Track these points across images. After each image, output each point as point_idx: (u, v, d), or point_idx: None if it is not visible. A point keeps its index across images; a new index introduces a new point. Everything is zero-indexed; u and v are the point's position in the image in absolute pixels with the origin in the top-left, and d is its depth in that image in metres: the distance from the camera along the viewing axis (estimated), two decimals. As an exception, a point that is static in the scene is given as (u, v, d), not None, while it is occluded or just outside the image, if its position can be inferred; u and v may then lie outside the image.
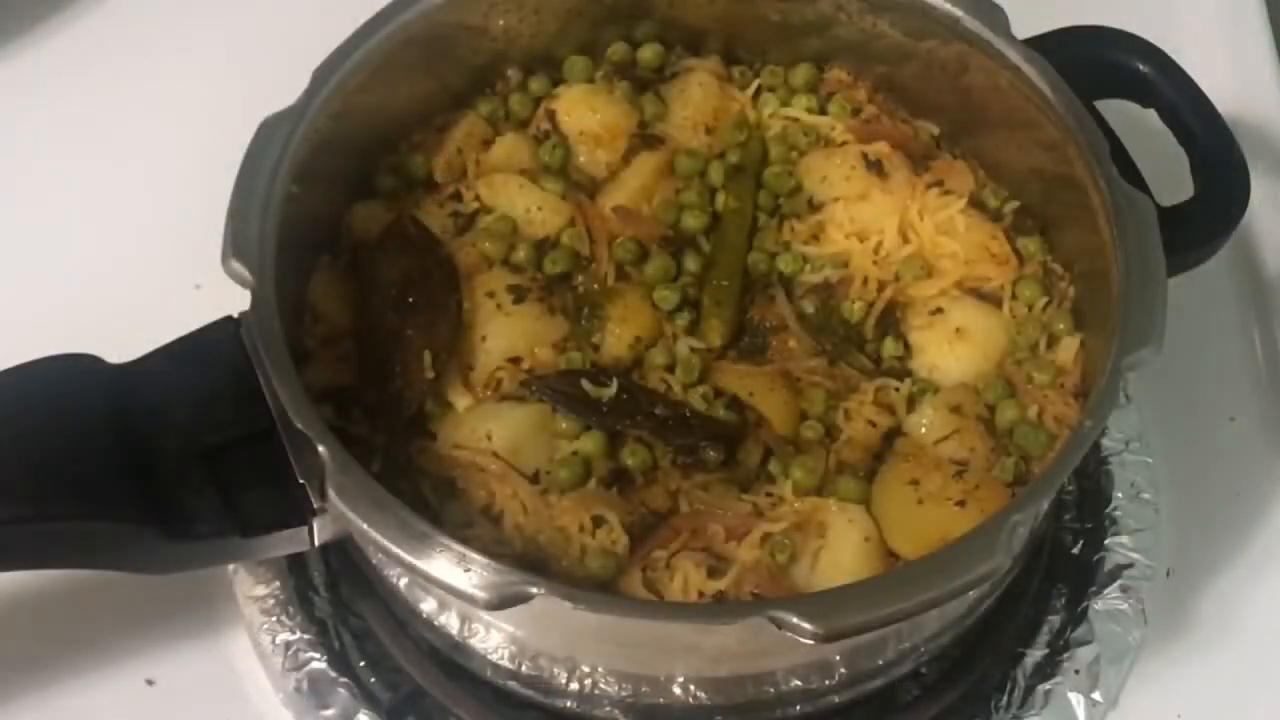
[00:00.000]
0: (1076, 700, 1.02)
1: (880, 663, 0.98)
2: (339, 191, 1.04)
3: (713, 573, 0.91)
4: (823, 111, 1.12)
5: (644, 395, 0.98)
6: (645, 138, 1.10)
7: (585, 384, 0.96)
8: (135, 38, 1.41)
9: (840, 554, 0.92)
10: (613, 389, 0.96)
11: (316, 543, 0.89)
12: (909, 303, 1.03)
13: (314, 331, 1.00)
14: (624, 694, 0.96)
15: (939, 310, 1.02)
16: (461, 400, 0.98)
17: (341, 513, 0.82)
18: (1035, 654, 1.05)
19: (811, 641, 0.78)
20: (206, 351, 0.90)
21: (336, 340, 1.00)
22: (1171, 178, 1.02)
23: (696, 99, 1.11)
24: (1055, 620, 1.07)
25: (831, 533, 0.93)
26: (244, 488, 0.86)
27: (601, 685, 0.95)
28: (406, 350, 0.97)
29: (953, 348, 1.01)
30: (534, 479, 0.95)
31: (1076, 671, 1.03)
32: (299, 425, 0.84)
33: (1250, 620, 1.10)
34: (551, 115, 1.10)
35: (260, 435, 0.87)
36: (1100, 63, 1.04)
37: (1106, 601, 1.05)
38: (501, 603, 0.79)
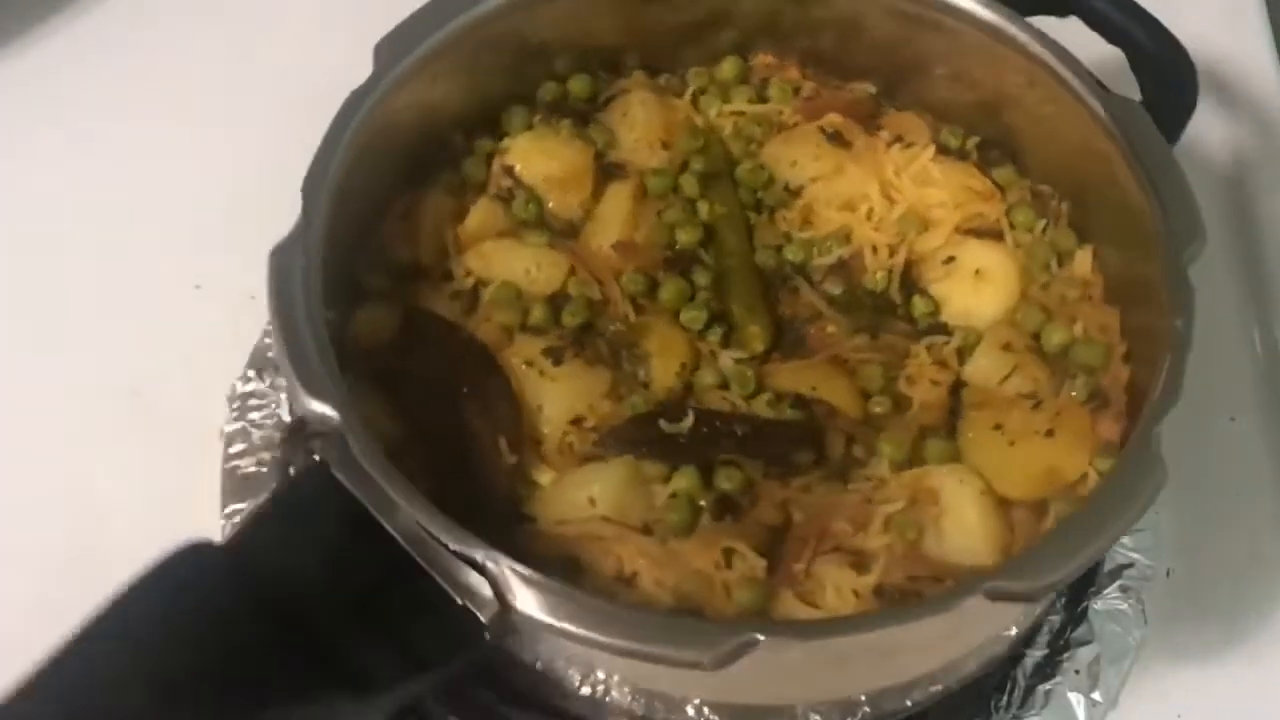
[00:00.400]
0: (1076, 700, 1.03)
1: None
2: (340, 303, 1.00)
3: (857, 568, 0.91)
4: (763, 99, 1.12)
5: (718, 419, 0.97)
6: (606, 168, 1.08)
7: (662, 424, 0.95)
8: (135, 38, 1.37)
9: (962, 515, 0.93)
10: (689, 421, 0.95)
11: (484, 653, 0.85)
12: (920, 259, 1.05)
13: (373, 454, 0.95)
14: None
15: (951, 259, 1.04)
16: (544, 476, 0.95)
17: (532, 620, 0.79)
18: (1035, 654, 1.06)
19: (1029, 602, 0.79)
20: (307, 504, 0.84)
21: (396, 456, 0.95)
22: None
23: (641, 118, 1.10)
24: (1055, 620, 1.07)
25: (945, 496, 0.94)
26: (404, 626, 0.82)
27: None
28: (478, 443, 0.94)
29: (977, 290, 1.03)
30: (646, 532, 0.93)
31: (1076, 671, 1.04)
32: (455, 548, 0.80)
33: (1250, 620, 1.12)
34: (509, 170, 1.07)
35: (396, 570, 0.82)
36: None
37: (1106, 601, 1.06)
38: (727, 659, 0.77)
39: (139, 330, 1.02)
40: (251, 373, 1.12)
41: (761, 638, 0.77)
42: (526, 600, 0.79)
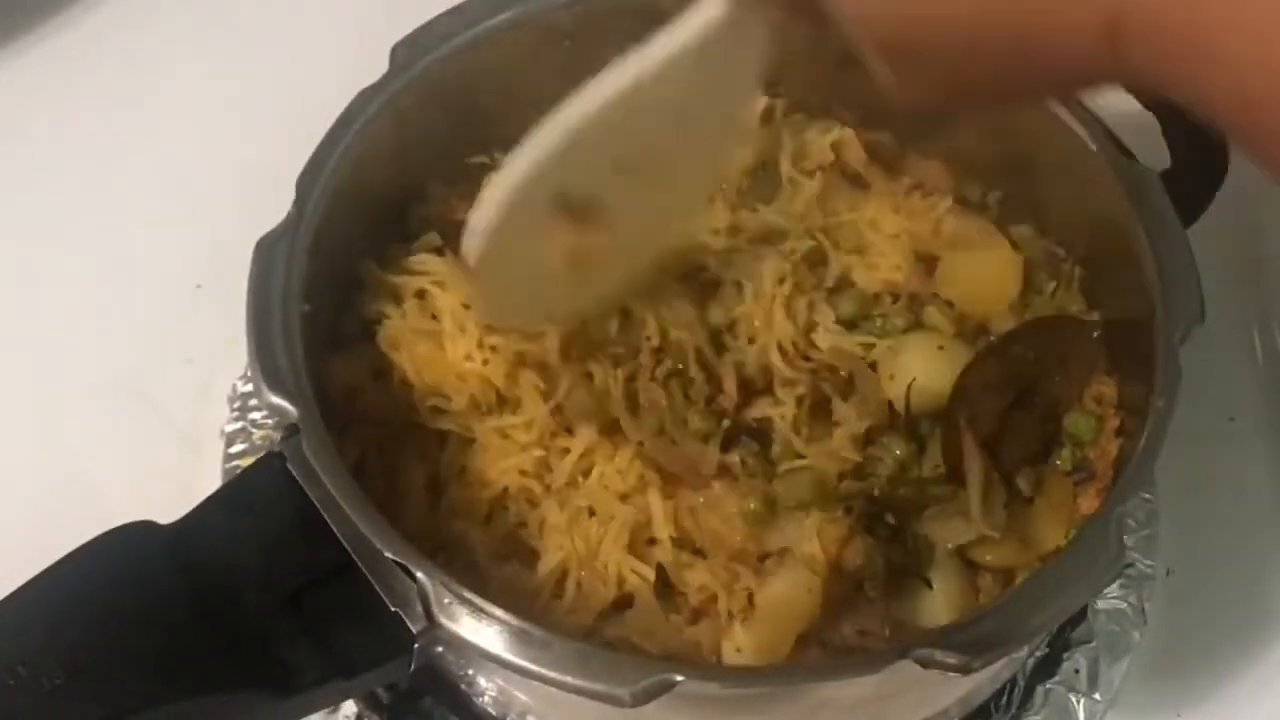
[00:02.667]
0: (1076, 700, 1.02)
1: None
2: (335, 294, 1.01)
3: (809, 616, 0.91)
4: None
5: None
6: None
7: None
8: (139, 35, 1.38)
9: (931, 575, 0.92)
10: None
11: (414, 666, 0.85)
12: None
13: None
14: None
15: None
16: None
17: (457, 637, 0.79)
18: (1035, 654, 1.04)
19: (959, 675, 0.77)
20: (258, 495, 0.85)
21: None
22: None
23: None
24: (1055, 621, 1.06)
25: (916, 554, 0.93)
26: (335, 628, 0.82)
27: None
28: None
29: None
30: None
31: (1076, 671, 1.03)
32: (389, 555, 0.80)
33: (1250, 620, 1.10)
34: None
35: (336, 570, 0.83)
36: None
37: (1106, 601, 1.05)
38: (645, 697, 0.77)
39: (139, 330, 1.03)
40: (252, 372, 1.12)
41: (680, 678, 0.76)
42: (452, 615, 0.79)
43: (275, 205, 0.92)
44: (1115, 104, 1.01)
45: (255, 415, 1.10)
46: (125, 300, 1.19)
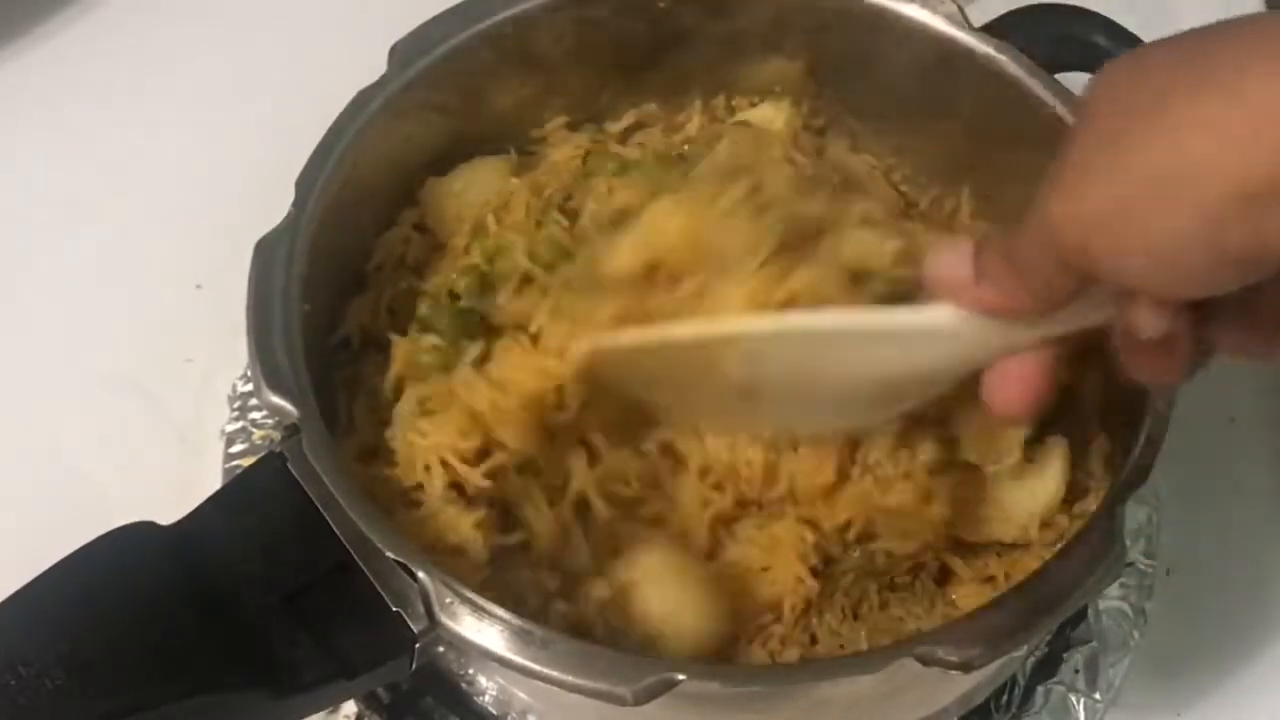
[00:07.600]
0: (1076, 700, 1.02)
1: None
2: (335, 294, 1.01)
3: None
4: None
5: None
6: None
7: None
8: (140, 34, 1.38)
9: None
10: None
11: (415, 665, 0.85)
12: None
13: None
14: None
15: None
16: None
17: (458, 637, 0.79)
18: (1035, 654, 1.04)
19: (960, 673, 0.78)
20: (258, 495, 0.85)
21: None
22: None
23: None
24: (1055, 620, 1.06)
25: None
26: (335, 627, 0.82)
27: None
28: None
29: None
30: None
31: (1076, 671, 1.03)
32: (390, 554, 0.80)
33: (1250, 620, 1.10)
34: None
35: (336, 570, 0.83)
36: (1056, 38, 1.04)
37: (1106, 601, 1.05)
38: (647, 696, 0.77)
39: (139, 329, 1.02)
40: (252, 372, 1.13)
41: (681, 677, 0.77)
42: (454, 615, 0.79)
43: (275, 205, 0.92)
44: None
45: (255, 415, 1.10)
46: (125, 300, 1.19)
